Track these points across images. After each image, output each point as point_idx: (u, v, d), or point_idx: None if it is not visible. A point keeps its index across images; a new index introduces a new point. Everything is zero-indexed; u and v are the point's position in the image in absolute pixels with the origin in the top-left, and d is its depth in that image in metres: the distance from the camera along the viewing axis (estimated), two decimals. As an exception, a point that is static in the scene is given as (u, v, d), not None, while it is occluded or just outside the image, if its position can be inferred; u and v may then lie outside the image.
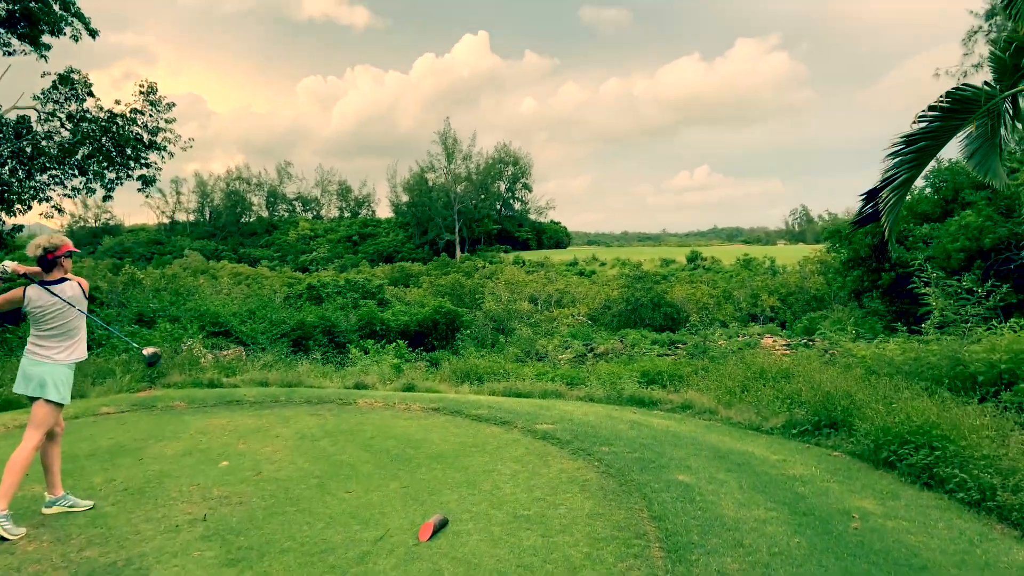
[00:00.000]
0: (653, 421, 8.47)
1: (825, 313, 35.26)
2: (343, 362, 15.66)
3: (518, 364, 15.13)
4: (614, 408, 9.46)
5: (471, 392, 10.89)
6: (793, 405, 8.50)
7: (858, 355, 10.25)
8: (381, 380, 11.82)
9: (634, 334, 28.13)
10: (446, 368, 12.64)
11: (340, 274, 73.20)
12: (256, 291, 47.21)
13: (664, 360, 13.86)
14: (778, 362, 10.37)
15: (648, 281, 44.13)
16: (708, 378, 10.79)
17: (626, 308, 40.08)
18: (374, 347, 17.03)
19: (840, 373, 8.53)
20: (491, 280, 53.90)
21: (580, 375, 11.76)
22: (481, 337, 28.48)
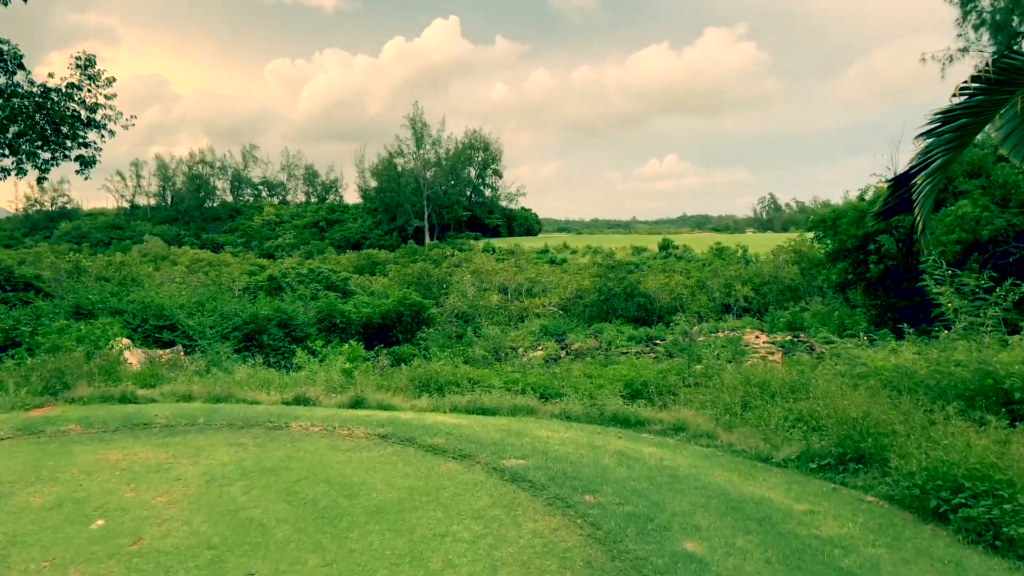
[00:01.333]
0: (643, 450, 7.07)
1: (804, 305, 34.38)
2: (288, 365, 14.09)
3: (485, 369, 13.68)
4: (596, 430, 8.05)
5: (429, 407, 9.41)
6: (808, 430, 7.17)
7: (873, 365, 8.99)
8: (327, 390, 10.27)
9: (609, 329, 26.84)
10: (403, 376, 11.15)
11: (305, 261, 71.06)
12: (214, 279, 45.08)
13: (647, 365, 12.53)
14: (780, 373, 9.06)
15: (621, 270, 42.95)
16: (702, 392, 9.44)
17: (599, 298, 38.86)
18: (324, 349, 15.45)
19: (865, 395, 7.22)
20: (460, 268, 52.28)
21: (554, 384, 10.36)
22: (446, 336, 26.96)
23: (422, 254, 78.32)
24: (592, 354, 17.93)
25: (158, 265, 66.51)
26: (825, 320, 25.68)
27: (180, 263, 73.20)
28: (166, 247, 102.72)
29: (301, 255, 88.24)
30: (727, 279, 45.61)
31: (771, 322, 27.67)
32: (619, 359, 15.96)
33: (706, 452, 7.27)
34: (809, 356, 12.16)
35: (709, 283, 45.66)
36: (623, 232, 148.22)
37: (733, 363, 12.56)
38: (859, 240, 21.41)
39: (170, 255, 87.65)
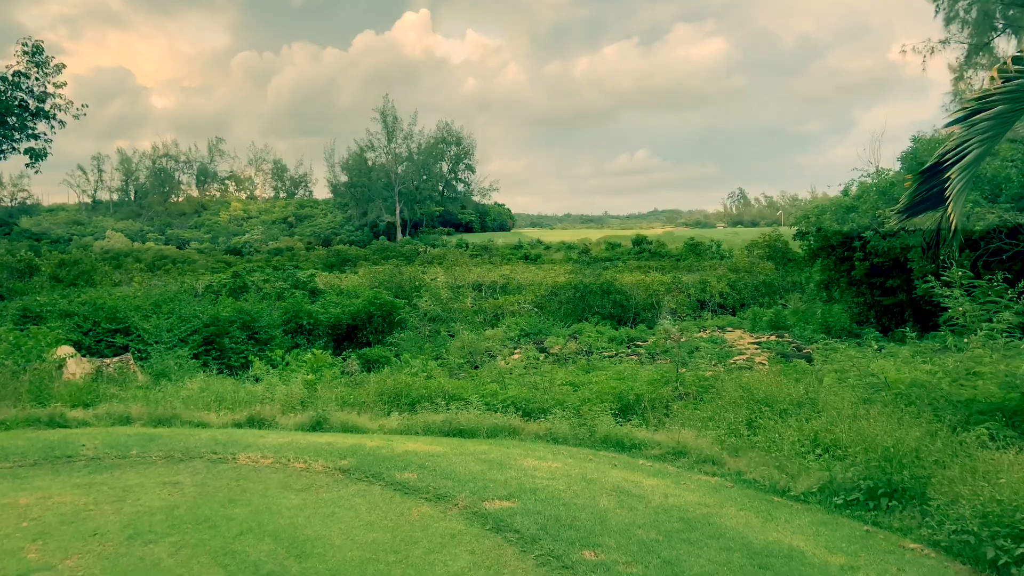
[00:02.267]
0: (644, 484, 6.18)
1: (782, 303, 33.92)
2: (244, 376, 13.02)
3: (460, 379, 12.72)
4: (588, 456, 7.15)
5: (400, 427, 8.43)
6: (828, 457, 6.34)
7: (885, 376, 8.21)
8: (285, 408, 9.25)
9: (588, 330, 26.01)
10: (371, 388, 10.14)
11: (274, 257, 69.30)
12: (176, 278, 43.42)
13: (633, 372, 11.66)
14: (784, 386, 8.23)
15: (597, 267, 42.23)
16: (700, 408, 8.57)
17: (575, 296, 38.07)
18: (287, 357, 14.35)
19: (891, 416, 6.41)
20: (433, 266, 51.18)
21: (537, 399, 9.44)
22: (419, 339, 25.92)
23: (394, 250, 76.99)
24: (573, 359, 17.07)
25: (120, 262, 64.36)
26: (807, 318, 25.12)
27: (143, 260, 71.02)
28: (129, 243, 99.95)
29: (269, 252, 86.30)
30: (703, 275, 45.10)
31: (752, 320, 27.06)
32: (602, 364, 15.10)
33: (714, 484, 6.41)
34: (808, 364, 11.35)
35: (684, 279, 45.12)
36: (596, 227, 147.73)
37: (724, 369, 11.76)
38: (843, 237, 20.82)
39: (133, 252, 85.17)
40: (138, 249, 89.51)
